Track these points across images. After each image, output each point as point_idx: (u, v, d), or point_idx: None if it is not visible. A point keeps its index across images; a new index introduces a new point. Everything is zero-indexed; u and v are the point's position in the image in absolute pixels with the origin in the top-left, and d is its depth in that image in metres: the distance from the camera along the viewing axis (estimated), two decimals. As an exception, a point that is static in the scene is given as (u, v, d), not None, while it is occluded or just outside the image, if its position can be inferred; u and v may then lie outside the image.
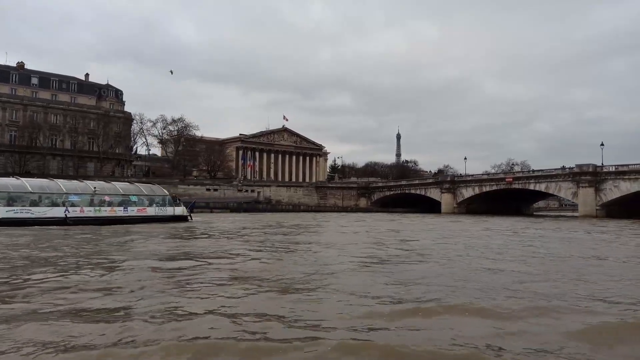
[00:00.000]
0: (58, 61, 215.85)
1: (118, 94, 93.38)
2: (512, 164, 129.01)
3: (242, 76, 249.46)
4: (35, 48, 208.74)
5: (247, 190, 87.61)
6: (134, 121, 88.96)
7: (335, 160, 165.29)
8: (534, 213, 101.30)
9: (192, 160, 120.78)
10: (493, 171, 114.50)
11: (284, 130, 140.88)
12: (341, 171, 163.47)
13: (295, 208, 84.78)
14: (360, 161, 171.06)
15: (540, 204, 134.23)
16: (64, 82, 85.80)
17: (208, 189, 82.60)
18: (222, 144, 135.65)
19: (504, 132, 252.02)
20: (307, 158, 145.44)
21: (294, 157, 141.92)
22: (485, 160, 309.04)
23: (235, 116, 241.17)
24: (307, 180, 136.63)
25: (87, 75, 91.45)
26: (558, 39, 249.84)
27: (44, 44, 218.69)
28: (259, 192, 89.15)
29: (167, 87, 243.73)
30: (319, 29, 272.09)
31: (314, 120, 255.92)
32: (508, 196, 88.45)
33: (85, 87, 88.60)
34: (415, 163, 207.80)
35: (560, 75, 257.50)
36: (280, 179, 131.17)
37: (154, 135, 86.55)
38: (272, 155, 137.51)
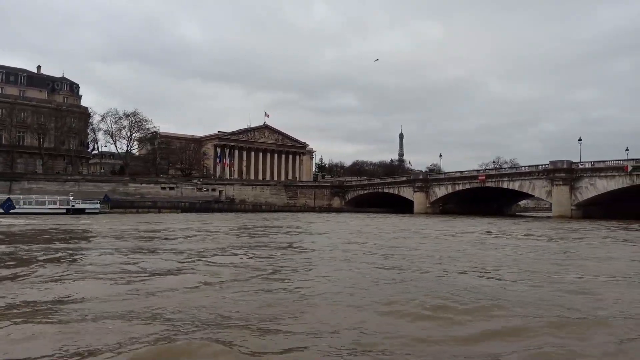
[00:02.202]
0: (61, 62, 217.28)
1: (73, 87, 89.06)
2: (501, 163, 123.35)
3: (245, 76, 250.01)
4: (37, 48, 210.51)
5: (207, 189, 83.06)
6: (91, 116, 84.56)
7: (321, 159, 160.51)
8: (517, 213, 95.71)
9: (166, 158, 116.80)
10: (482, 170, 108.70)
11: (265, 127, 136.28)
12: (328, 170, 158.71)
13: (255, 208, 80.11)
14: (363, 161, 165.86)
15: (530, 204, 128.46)
16: (11, 75, 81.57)
17: (163, 188, 78.19)
18: (201, 141, 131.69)
19: (508, 132, 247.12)
20: (290, 156, 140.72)
21: (275, 155, 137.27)
22: (488, 161, 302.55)
23: (237, 116, 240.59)
24: (291, 178, 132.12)
25: (39, 67, 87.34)
26: (560, 40, 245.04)
27: (46, 45, 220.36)
28: (220, 191, 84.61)
29: (169, 87, 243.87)
30: (321, 30, 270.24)
31: (318, 120, 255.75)
32: (488, 196, 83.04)
33: (35, 79, 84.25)
34: (408, 162, 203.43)
35: (564, 75, 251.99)
36: (261, 177, 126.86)
37: (104, 131, 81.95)
38: (253, 153, 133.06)
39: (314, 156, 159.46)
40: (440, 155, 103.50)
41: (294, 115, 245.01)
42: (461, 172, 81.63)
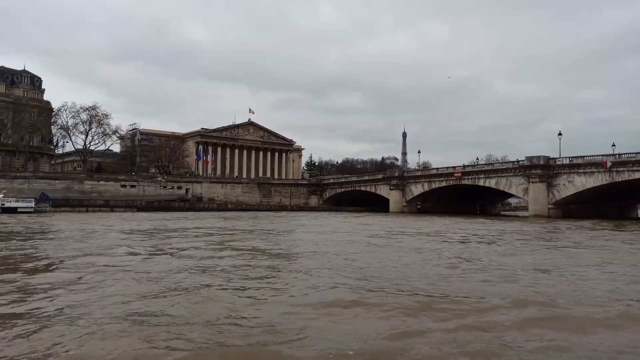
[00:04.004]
0: (68, 62, 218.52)
1: (35, 80, 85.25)
2: (492, 161, 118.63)
3: (250, 77, 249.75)
4: (45, 50, 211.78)
5: (172, 187, 79.37)
6: (54, 111, 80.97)
7: (311, 157, 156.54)
8: (502, 213, 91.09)
9: (146, 155, 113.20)
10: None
11: (250, 124, 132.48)
12: (319, 168, 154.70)
13: (220, 207, 76.16)
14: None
15: (523, 202, 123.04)
16: (-35, 68, 78.35)
17: (123, 186, 74.60)
18: (183, 139, 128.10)
19: (514, 132, 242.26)
20: (276, 154, 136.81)
21: (260, 153, 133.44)
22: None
23: (241, 116, 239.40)
24: (277, 176, 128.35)
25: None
26: (566, 39, 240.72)
27: (54, 46, 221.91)
28: (187, 189, 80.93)
29: (175, 87, 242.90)
30: (327, 31, 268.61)
31: (324, 120, 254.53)
32: (470, 194, 78.58)
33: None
34: (405, 161, 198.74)
35: (571, 75, 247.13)
36: (245, 175, 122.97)
37: (61, 127, 77.71)
38: (237, 151, 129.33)
39: (303, 154, 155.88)
40: (419, 152, 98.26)
41: (299, 116, 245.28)
42: (437, 169, 77.23)
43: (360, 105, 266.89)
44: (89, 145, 78.83)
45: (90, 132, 76.63)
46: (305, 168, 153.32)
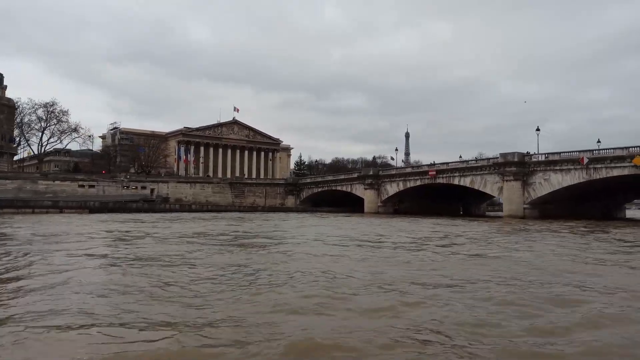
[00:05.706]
0: (69, 63, 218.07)
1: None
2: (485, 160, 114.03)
3: (252, 77, 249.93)
4: (45, 50, 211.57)
5: (135, 187, 75.79)
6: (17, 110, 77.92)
7: (300, 156, 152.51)
8: (486, 213, 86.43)
9: (125, 155, 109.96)
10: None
11: (234, 123, 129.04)
12: (308, 168, 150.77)
13: (183, 208, 72.27)
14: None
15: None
16: None
17: (82, 186, 71.13)
18: (166, 138, 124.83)
19: (516, 132, 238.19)
20: (262, 153, 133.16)
21: (246, 152, 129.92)
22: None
23: (245, 117, 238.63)
24: (263, 176, 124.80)
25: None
26: (568, 39, 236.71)
27: (56, 47, 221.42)
28: (152, 189, 77.33)
29: (177, 88, 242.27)
30: (329, 31, 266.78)
31: (327, 121, 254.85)
32: (451, 194, 74.23)
33: (-52, 69, 77.87)
34: (401, 161, 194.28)
35: (572, 75, 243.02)
36: (229, 175, 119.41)
37: (16, 125, 74.14)
38: (220, 150, 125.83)
39: (292, 153, 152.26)
40: (397, 150, 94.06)
41: (301, 116, 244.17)
42: (412, 167, 73.02)
43: (363, 105, 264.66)
44: (45, 144, 75.53)
45: (47, 130, 73.23)
46: (294, 168, 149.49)
